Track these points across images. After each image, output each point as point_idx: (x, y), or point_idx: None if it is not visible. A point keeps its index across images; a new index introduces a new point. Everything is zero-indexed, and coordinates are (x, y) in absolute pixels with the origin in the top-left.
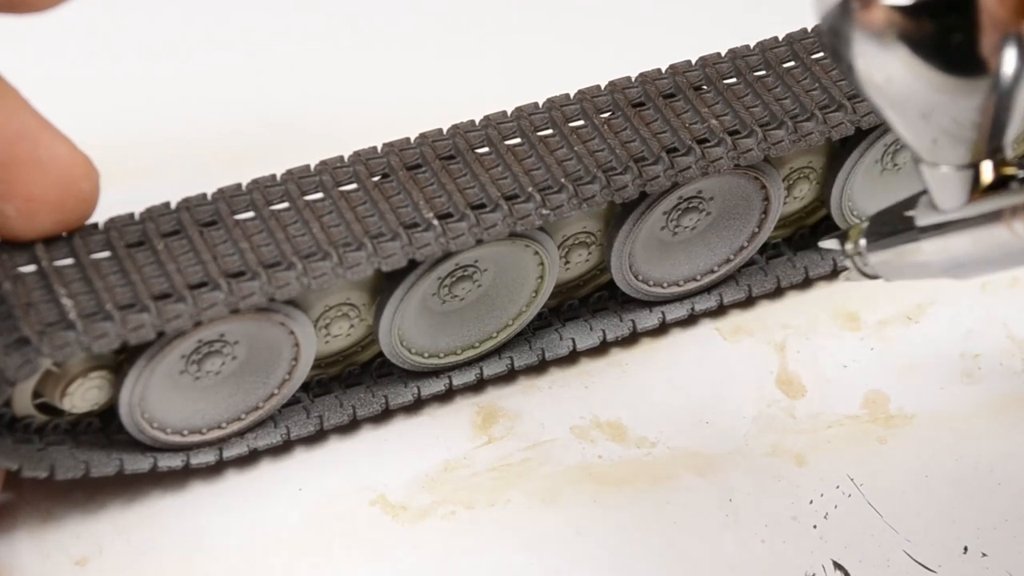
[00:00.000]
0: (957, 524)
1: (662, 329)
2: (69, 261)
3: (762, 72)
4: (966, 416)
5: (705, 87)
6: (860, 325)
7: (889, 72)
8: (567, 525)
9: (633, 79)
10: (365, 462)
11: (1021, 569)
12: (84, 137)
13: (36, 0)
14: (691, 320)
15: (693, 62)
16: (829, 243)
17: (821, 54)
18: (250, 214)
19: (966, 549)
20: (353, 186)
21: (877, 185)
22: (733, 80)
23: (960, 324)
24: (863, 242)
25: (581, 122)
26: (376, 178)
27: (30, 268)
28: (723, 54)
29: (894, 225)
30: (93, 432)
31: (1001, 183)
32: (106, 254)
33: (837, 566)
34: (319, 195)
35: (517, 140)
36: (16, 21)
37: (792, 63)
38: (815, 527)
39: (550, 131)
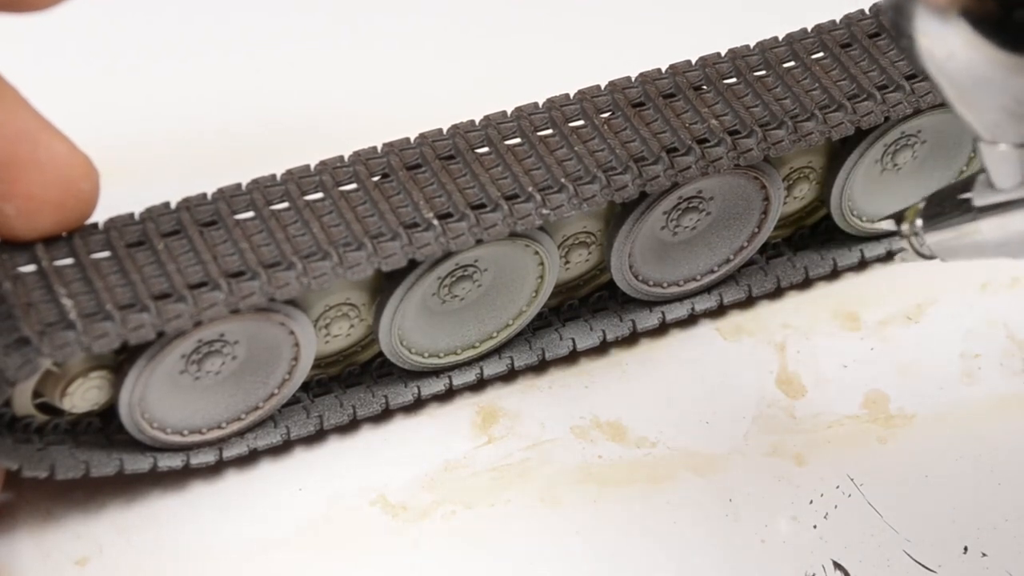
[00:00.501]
0: (957, 524)
1: (662, 329)
2: (69, 261)
3: (762, 72)
4: (966, 416)
5: (705, 87)
6: (860, 325)
7: (951, 49)
8: (567, 525)
9: (633, 79)
10: (365, 462)
11: (1021, 569)
12: (84, 137)
13: (36, 0)
14: (691, 320)
15: (693, 62)
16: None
17: (821, 54)
18: (250, 214)
19: (966, 549)
20: (353, 186)
21: (877, 185)
22: (733, 80)
23: (960, 324)
24: (920, 222)
25: (581, 122)
26: (376, 178)
27: (30, 268)
28: (723, 54)
29: (951, 205)
30: (93, 432)
31: None
32: (106, 254)
33: (837, 566)
34: (319, 195)
35: (517, 140)
36: (16, 21)
37: (792, 63)
38: (815, 527)
39: (550, 131)
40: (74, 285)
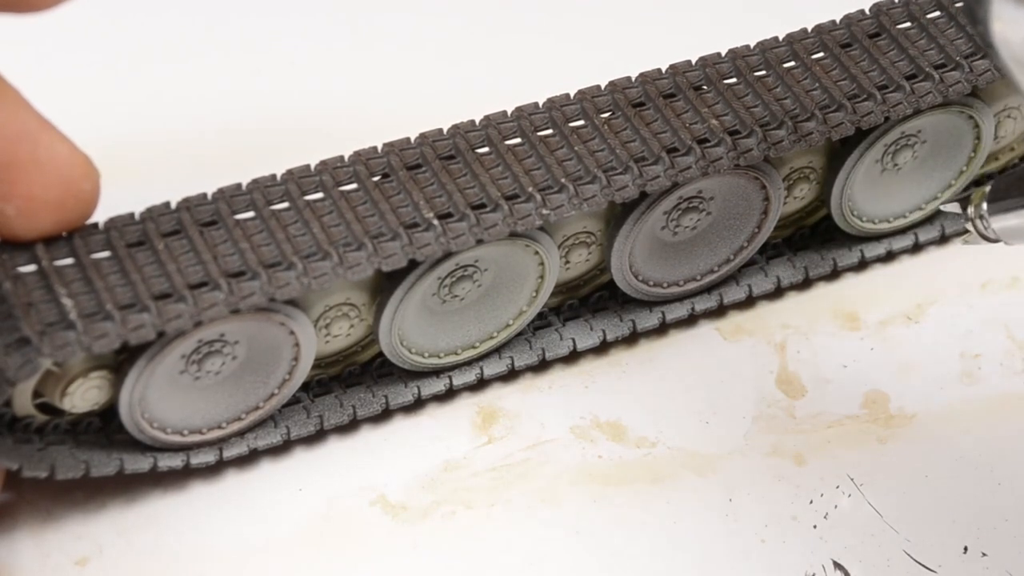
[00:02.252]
0: (957, 524)
1: (662, 329)
2: (69, 261)
3: (762, 72)
4: (966, 416)
5: (705, 87)
6: (860, 325)
7: None
8: (567, 525)
9: (633, 79)
10: (365, 462)
11: (1021, 569)
12: (84, 137)
13: (36, 0)
14: (691, 320)
15: (693, 62)
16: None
17: (821, 54)
18: (250, 214)
19: (966, 549)
20: (353, 186)
21: (877, 185)
22: (733, 80)
23: (960, 324)
24: (985, 206)
25: (581, 122)
26: (376, 178)
27: (30, 268)
28: (723, 54)
29: (1018, 189)
30: (93, 432)
31: None
32: (106, 254)
33: (837, 566)
34: (319, 195)
35: (517, 140)
36: (16, 21)
37: (792, 63)
38: (815, 527)
39: (550, 131)
40: (74, 285)
